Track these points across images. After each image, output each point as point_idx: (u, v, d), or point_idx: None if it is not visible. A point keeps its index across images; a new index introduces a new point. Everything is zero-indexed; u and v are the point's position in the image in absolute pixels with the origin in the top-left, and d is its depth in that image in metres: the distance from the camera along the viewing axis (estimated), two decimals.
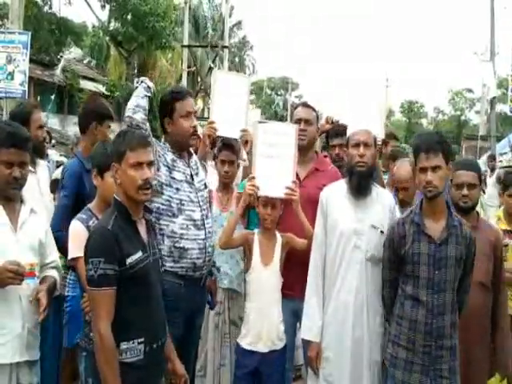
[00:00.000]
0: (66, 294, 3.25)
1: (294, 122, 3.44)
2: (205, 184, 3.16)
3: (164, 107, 3.06)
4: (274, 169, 3.11)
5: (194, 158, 3.19)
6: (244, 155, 3.97)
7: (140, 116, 2.89)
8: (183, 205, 2.94)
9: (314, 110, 3.52)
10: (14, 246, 2.49)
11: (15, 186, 2.54)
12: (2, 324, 2.44)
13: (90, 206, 2.76)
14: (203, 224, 3.00)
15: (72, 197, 3.14)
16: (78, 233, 2.60)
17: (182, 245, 2.91)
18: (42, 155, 3.63)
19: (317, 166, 3.45)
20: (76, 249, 2.53)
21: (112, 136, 3.41)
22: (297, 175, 3.33)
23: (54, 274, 2.66)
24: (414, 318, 2.61)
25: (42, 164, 3.60)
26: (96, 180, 2.71)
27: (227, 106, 3.44)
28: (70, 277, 3.27)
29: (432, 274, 2.59)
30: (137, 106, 2.92)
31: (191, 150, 3.21)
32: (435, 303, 2.58)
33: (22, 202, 2.61)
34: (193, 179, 3.05)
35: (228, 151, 3.67)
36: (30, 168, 3.38)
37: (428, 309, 2.59)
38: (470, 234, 2.67)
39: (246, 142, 3.47)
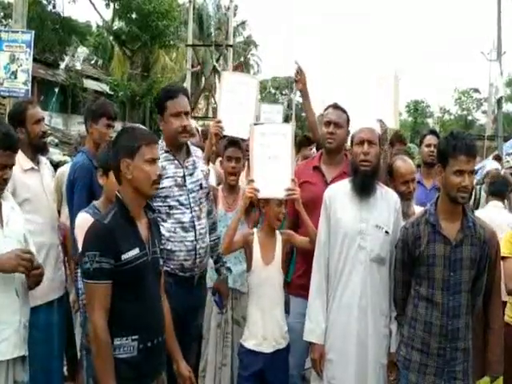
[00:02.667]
0: (80, 286, 3.13)
1: (324, 123, 3.39)
2: (200, 185, 3.13)
3: (158, 105, 3.11)
4: (273, 169, 3.08)
5: (193, 157, 3.16)
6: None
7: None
8: (172, 209, 2.98)
9: (344, 111, 3.42)
10: (3, 241, 2.49)
11: (3, 188, 2.58)
12: (3, 319, 2.46)
13: (95, 203, 2.78)
14: (193, 226, 3.03)
15: (87, 188, 3.16)
16: (86, 225, 2.54)
17: (169, 247, 2.95)
18: (44, 151, 3.57)
19: (345, 169, 3.32)
20: None
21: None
22: (324, 177, 3.33)
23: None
24: (428, 320, 2.59)
25: (44, 161, 3.58)
26: (102, 180, 2.73)
27: (235, 105, 3.44)
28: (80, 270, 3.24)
29: (447, 276, 2.56)
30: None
31: (193, 148, 3.19)
32: (450, 305, 2.56)
33: (1, 198, 2.60)
34: (185, 181, 3.05)
35: (234, 148, 3.68)
36: (33, 165, 3.41)
37: (443, 311, 2.57)
38: (485, 236, 2.63)
39: None
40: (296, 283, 3.33)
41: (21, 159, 3.37)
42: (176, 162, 3.05)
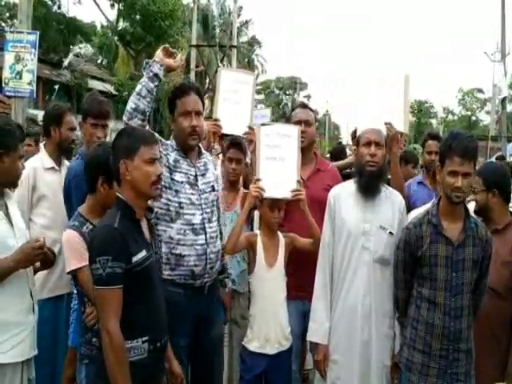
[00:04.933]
0: (75, 290, 3.19)
1: (293, 123, 3.44)
2: (212, 186, 3.01)
3: (169, 104, 2.97)
4: (278, 170, 3.10)
5: (205, 159, 3.06)
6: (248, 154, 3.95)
7: (136, 122, 2.69)
8: (182, 208, 2.82)
9: (311, 110, 3.57)
10: (17, 243, 2.49)
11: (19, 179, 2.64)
12: (21, 320, 2.47)
13: (80, 210, 2.66)
14: (203, 228, 2.86)
15: (85, 195, 3.13)
16: (74, 241, 2.53)
17: (178, 251, 2.78)
18: (68, 156, 3.74)
19: (318, 166, 3.48)
20: (75, 260, 2.49)
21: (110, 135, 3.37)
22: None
23: None
24: (430, 321, 2.58)
25: (66, 164, 3.69)
26: (102, 188, 2.59)
27: (232, 103, 3.40)
28: None
29: (450, 277, 2.55)
30: (135, 110, 2.69)
31: (203, 149, 3.10)
32: (452, 306, 2.55)
33: (5, 197, 2.60)
34: (197, 180, 2.92)
35: (235, 149, 3.67)
36: (54, 165, 3.57)
37: (445, 312, 2.55)
38: (487, 236, 2.62)
39: (251, 140, 3.43)
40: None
41: (44, 158, 3.57)
42: (188, 160, 2.91)
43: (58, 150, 3.59)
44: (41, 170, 3.49)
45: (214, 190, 3.02)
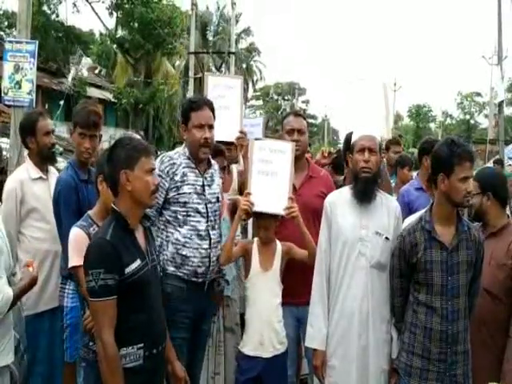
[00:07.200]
0: (65, 304, 3.23)
1: (287, 131, 3.45)
2: (217, 198, 3.16)
3: (182, 115, 3.14)
4: (270, 185, 3.13)
5: (213, 170, 3.19)
6: (240, 160, 3.98)
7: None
8: (189, 216, 3.00)
9: (304, 118, 3.58)
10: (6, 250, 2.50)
11: None
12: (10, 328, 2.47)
13: (90, 213, 2.74)
14: (208, 235, 3.04)
15: (73, 207, 3.14)
16: (79, 240, 2.58)
17: (184, 252, 2.97)
18: (52, 162, 3.66)
19: (311, 173, 3.49)
20: (78, 257, 2.51)
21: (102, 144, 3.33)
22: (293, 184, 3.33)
23: None
24: (428, 325, 2.61)
25: (53, 171, 3.65)
26: (101, 186, 2.68)
27: (221, 109, 3.41)
28: (68, 287, 3.24)
29: (445, 281, 2.59)
30: None
31: (212, 160, 3.21)
32: (449, 309, 2.58)
33: None
34: (204, 190, 3.07)
35: (219, 158, 3.67)
36: (42, 175, 3.50)
37: (443, 315, 2.58)
38: (479, 238, 2.66)
39: (242, 145, 3.46)
40: None
41: (29, 168, 3.50)
42: (196, 171, 3.08)
43: (40, 158, 3.53)
44: (28, 181, 3.43)
45: (218, 200, 3.17)
